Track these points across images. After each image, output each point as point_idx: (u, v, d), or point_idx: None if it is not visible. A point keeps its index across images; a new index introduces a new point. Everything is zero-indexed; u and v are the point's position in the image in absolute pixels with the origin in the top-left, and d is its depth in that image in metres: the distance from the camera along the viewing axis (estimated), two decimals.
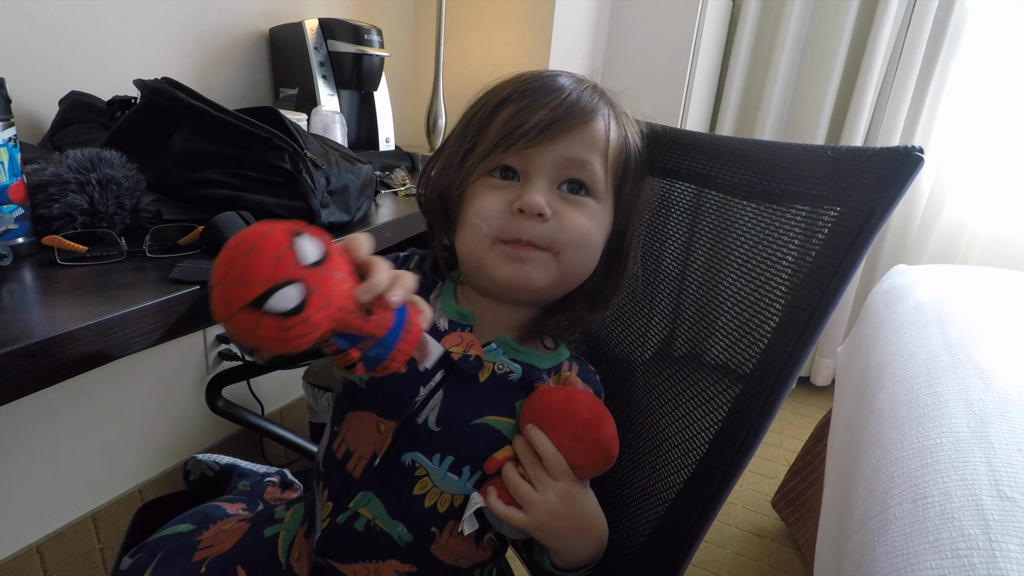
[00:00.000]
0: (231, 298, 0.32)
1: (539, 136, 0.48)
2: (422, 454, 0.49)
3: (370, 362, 0.37)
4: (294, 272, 0.33)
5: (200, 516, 0.64)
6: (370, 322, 0.36)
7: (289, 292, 0.32)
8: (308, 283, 0.33)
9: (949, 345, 0.90)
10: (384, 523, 0.49)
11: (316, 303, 0.33)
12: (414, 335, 0.38)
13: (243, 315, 0.32)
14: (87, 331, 0.45)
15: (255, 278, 0.32)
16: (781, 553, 1.43)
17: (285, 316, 0.32)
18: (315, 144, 0.77)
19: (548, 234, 0.48)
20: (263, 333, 0.32)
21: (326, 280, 0.34)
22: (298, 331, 0.33)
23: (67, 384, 1.06)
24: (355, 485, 0.50)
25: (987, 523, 0.55)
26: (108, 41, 1.00)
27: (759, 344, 0.43)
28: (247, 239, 0.33)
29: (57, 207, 0.58)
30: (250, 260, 0.32)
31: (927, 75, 1.80)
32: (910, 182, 0.34)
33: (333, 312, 0.34)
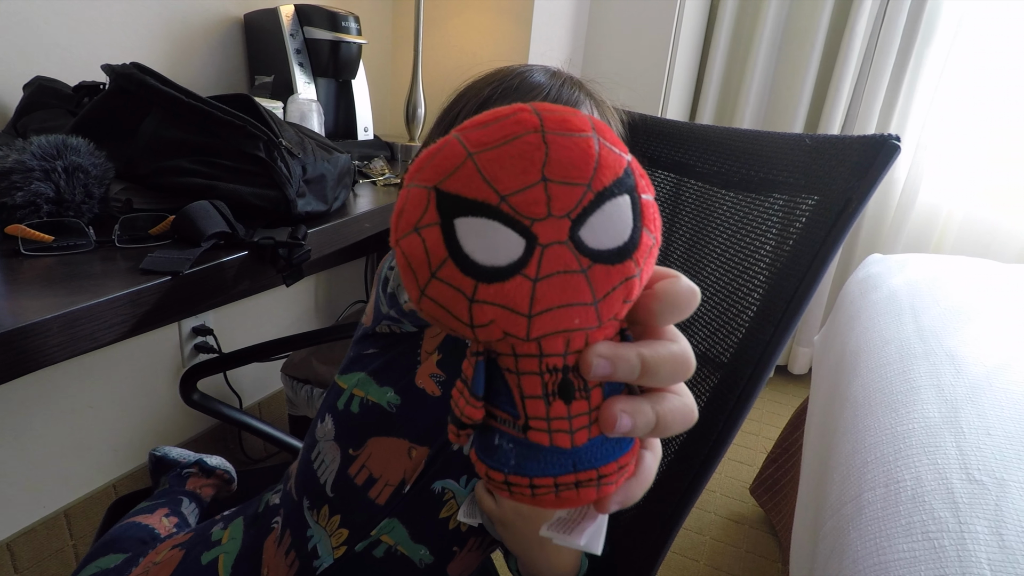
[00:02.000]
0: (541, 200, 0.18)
1: None
2: (452, 480, 0.47)
3: (505, 457, 0.22)
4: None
5: (125, 542, 0.61)
6: (554, 409, 0.21)
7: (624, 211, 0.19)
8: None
9: (921, 333, 0.92)
10: (406, 548, 0.48)
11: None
12: (604, 492, 0.23)
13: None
14: (53, 322, 0.44)
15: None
16: (759, 539, 1.46)
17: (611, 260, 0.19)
18: (291, 132, 0.76)
19: None
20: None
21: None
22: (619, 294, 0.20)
23: (37, 377, 1.03)
24: (379, 512, 0.47)
25: (957, 506, 0.57)
26: (75, 24, 0.97)
27: (737, 333, 0.44)
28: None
29: (21, 195, 0.56)
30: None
31: (903, 64, 1.83)
32: (887, 170, 0.34)
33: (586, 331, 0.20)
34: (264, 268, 0.65)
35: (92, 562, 0.59)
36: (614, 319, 0.21)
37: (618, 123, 0.55)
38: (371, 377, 0.49)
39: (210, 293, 0.59)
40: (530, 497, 0.22)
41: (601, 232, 0.19)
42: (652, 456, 0.24)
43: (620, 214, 0.19)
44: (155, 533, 0.63)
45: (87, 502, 1.17)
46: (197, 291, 0.57)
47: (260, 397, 1.55)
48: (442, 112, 0.55)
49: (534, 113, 0.19)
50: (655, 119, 0.60)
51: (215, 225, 0.60)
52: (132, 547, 0.59)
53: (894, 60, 1.83)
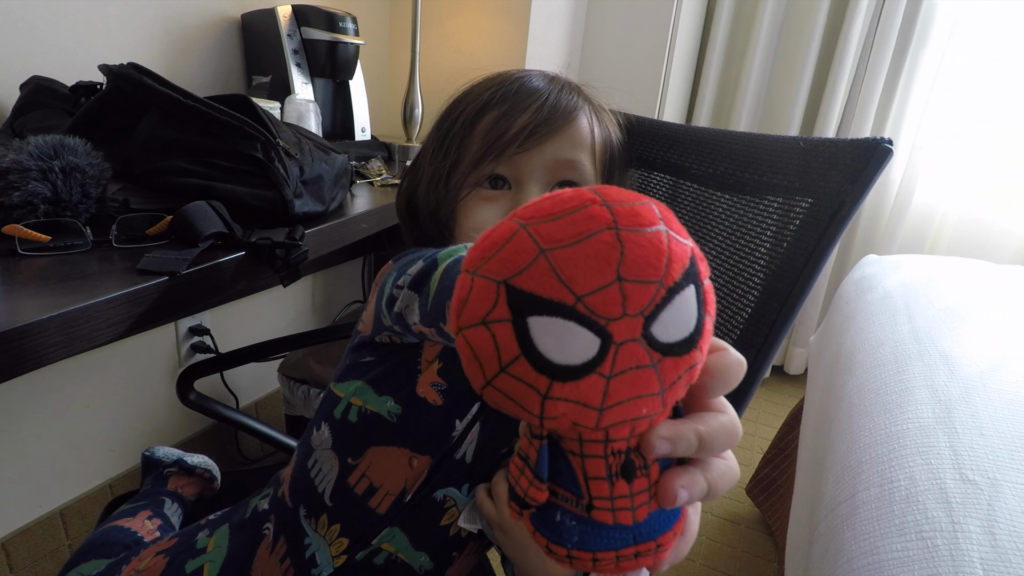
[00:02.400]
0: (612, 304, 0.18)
1: (527, 141, 0.47)
2: (455, 488, 0.46)
3: (568, 534, 0.23)
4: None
5: (108, 547, 0.60)
6: (616, 489, 0.22)
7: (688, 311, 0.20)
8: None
9: (916, 333, 0.92)
10: (407, 555, 0.47)
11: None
12: (660, 558, 0.24)
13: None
14: (50, 322, 0.44)
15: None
16: (755, 539, 1.46)
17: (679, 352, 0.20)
18: (288, 133, 0.76)
19: None
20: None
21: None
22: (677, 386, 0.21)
23: (33, 377, 1.03)
24: (380, 522, 0.47)
25: (950, 506, 0.57)
26: (72, 25, 0.96)
27: (733, 334, 0.44)
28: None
29: (18, 195, 0.56)
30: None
31: (898, 65, 1.84)
32: (879, 173, 0.35)
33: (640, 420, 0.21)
34: (261, 268, 0.65)
35: (74, 568, 0.58)
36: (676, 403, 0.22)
37: (615, 127, 0.55)
38: (369, 386, 0.49)
39: (207, 293, 0.59)
40: (591, 567, 0.23)
41: (671, 326, 0.19)
42: (695, 513, 0.25)
43: (687, 306, 0.20)
44: (138, 537, 0.62)
45: (83, 502, 1.17)
46: (194, 291, 0.57)
47: (257, 397, 1.55)
48: (440, 116, 0.55)
49: (604, 205, 0.19)
50: (651, 121, 0.61)
51: (212, 225, 0.60)
52: (115, 552, 0.59)
53: (890, 61, 1.83)
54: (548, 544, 0.23)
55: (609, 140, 0.53)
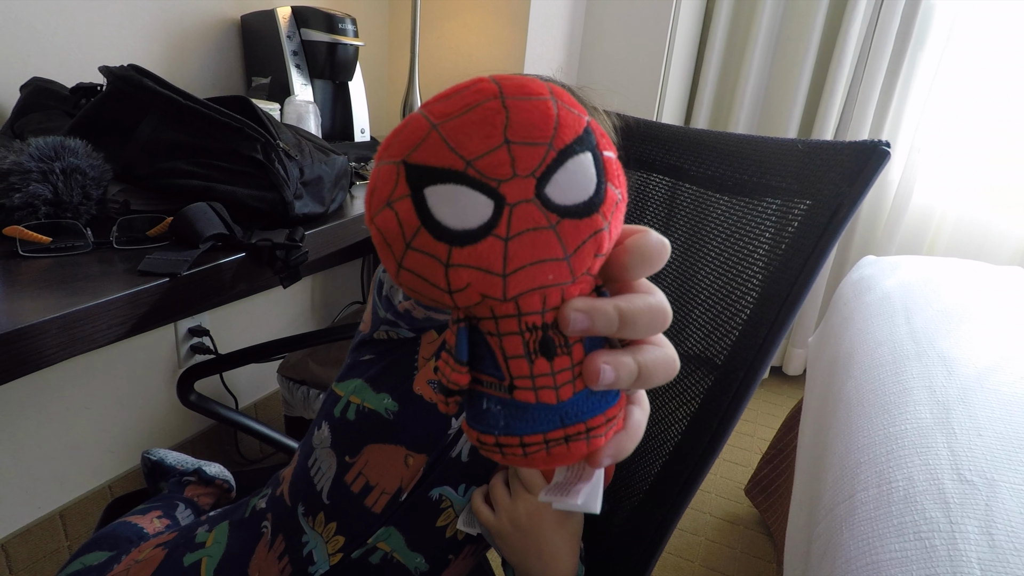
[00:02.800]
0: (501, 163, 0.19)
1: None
2: (450, 487, 0.47)
3: (494, 420, 0.23)
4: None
5: (113, 540, 0.60)
6: (536, 367, 0.22)
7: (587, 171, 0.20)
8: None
9: (914, 334, 0.93)
10: (402, 555, 0.48)
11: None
12: (594, 446, 0.23)
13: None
14: (51, 324, 0.44)
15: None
16: (754, 540, 1.46)
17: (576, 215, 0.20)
18: (288, 134, 0.76)
19: None
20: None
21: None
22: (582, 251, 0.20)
23: (33, 378, 1.03)
24: (376, 520, 0.47)
25: (948, 506, 0.57)
26: (72, 26, 0.97)
27: (732, 335, 0.44)
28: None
29: (19, 197, 0.57)
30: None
31: (896, 67, 1.84)
32: (877, 175, 0.35)
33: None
34: (261, 270, 0.65)
35: (78, 558, 0.59)
36: (587, 274, 0.21)
37: (610, 128, 0.56)
38: (367, 383, 0.49)
39: (208, 295, 0.59)
40: (522, 456, 0.22)
41: (567, 188, 0.20)
42: (640, 411, 0.24)
43: (583, 170, 0.20)
44: (143, 533, 0.63)
45: (83, 503, 1.17)
46: (195, 292, 0.57)
47: (256, 398, 1.55)
48: None
49: (493, 82, 0.19)
50: (650, 123, 0.61)
51: (213, 227, 0.60)
52: (118, 545, 0.59)
53: (887, 63, 1.84)
54: (479, 436, 0.23)
55: None
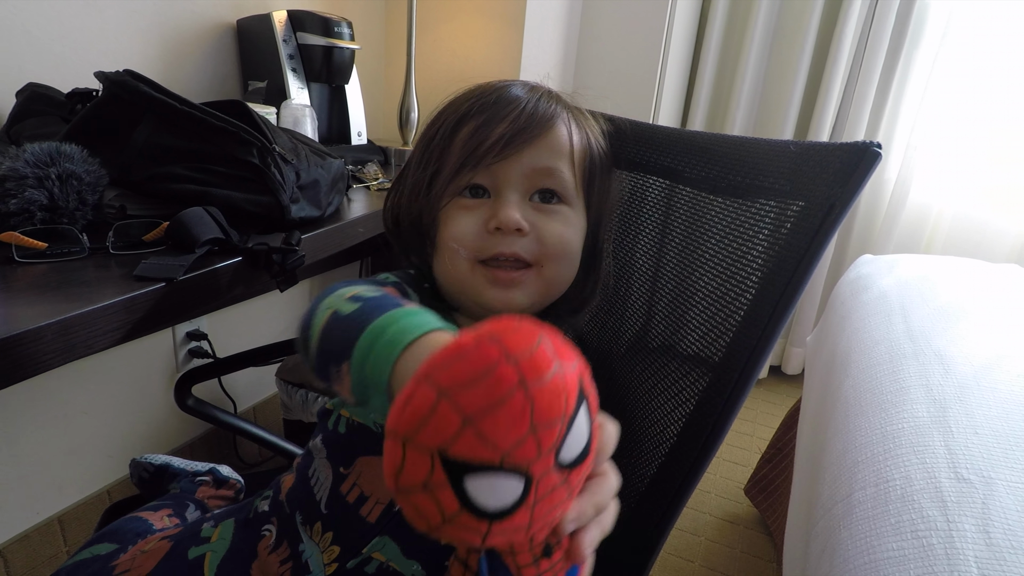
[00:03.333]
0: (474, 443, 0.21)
1: (504, 150, 0.47)
2: None
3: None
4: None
5: (120, 534, 0.61)
6: (541, 567, 0.27)
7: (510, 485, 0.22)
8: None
9: (911, 333, 0.93)
10: (398, 564, 0.48)
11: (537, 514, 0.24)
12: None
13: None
14: (47, 329, 0.44)
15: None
16: (754, 539, 1.46)
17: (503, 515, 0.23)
18: (284, 138, 0.76)
19: (529, 248, 0.48)
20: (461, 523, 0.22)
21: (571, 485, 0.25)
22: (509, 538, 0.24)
23: (30, 384, 1.03)
24: (371, 530, 0.48)
25: (945, 504, 0.58)
26: (68, 32, 0.97)
27: (727, 335, 0.44)
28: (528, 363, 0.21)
29: (14, 203, 0.57)
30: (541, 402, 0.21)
31: (892, 66, 1.85)
32: (868, 176, 0.35)
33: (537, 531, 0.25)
34: (258, 274, 0.65)
35: (88, 548, 0.59)
36: None
37: (598, 133, 0.55)
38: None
39: (204, 299, 0.59)
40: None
41: (573, 446, 0.24)
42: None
43: (582, 424, 0.24)
44: (151, 527, 0.63)
45: (81, 508, 1.17)
46: (191, 297, 0.57)
47: (255, 402, 1.55)
48: (423, 128, 0.55)
49: (509, 362, 0.21)
50: (645, 125, 0.61)
51: (209, 231, 0.60)
52: (126, 539, 0.59)
53: (883, 62, 1.85)
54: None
55: (589, 146, 0.53)
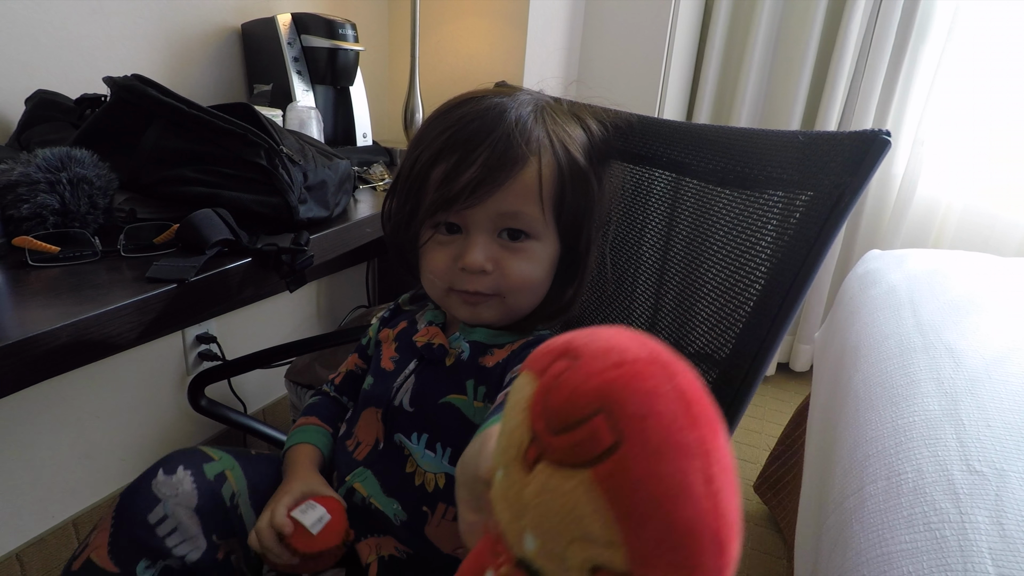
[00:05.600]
0: None
1: (470, 199, 0.50)
2: (404, 435, 0.54)
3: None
4: None
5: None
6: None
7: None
8: None
9: (921, 327, 0.92)
10: (379, 501, 0.53)
11: None
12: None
13: None
14: (63, 331, 0.44)
15: None
16: (764, 536, 1.46)
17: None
18: (291, 140, 0.76)
19: (492, 284, 0.52)
20: None
21: None
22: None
23: (44, 387, 1.04)
24: (356, 464, 0.56)
25: (958, 497, 0.57)
26: (75, 39, 0.98)
27: (735, 328, 0.44)
28: None
29: (27, 207, 0.57)
30: None
31: (898, 59, 1.83)
32: (878, 164, 0.35)
33: None
34: (268, 274, 0.66)
35: None
36: None
37: (578, 147, 0.54)
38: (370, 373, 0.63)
39: (216, 300, 0.59)
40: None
41: None
42: None
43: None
44: None
45: (95, 511, 1.18)
46: (202, 298, 0.58)
47: (264, 403, 1.56)
48: (413, 140, 0.57)
49: None
50: (651, 119, 0.61)
51: (219, 233, 0.61)
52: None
53: (890, 55, 1.83)
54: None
55: (560, 172, 0.53)
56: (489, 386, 0.53)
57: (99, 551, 0.50)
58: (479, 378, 0.53)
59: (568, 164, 0.54)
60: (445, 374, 0.55)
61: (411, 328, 0.61)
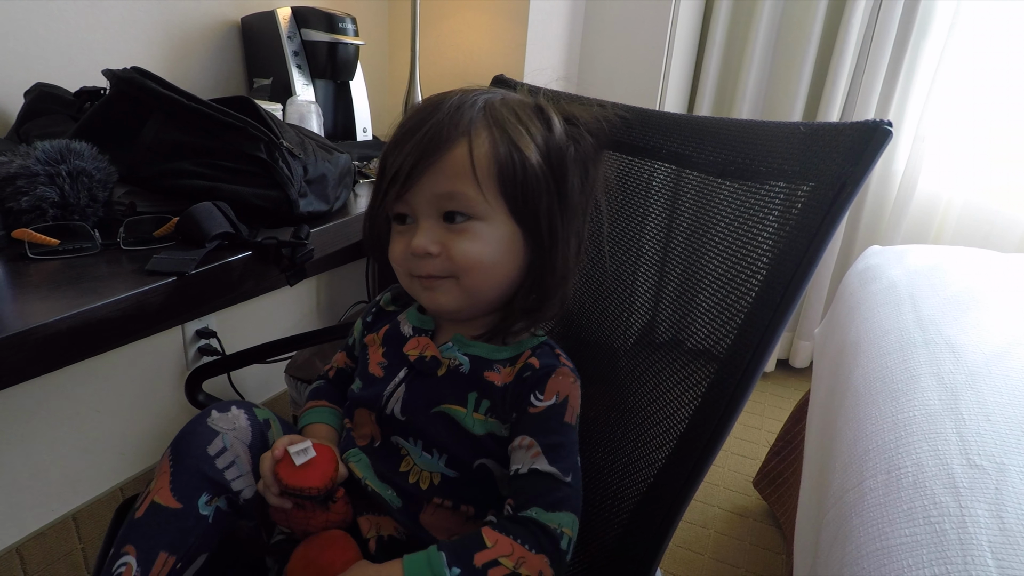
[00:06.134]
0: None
1: (405, 183, 0.51)
2: (402, 438, 0.56)
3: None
4: None
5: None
6: None
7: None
8: None
9: (921, 322, 0.92)
10: (375, 484, 0.55)
11: None
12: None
13: None
14: (63, 323, 0.44)
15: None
16: (763, 532, 1.46)
17: None
18: (291, 133, 0.76)
19: (442, 266, 0.53)
20: None
21: None
22: None
23: (43, 382, 1.04)
24: (354, 445, 0.58)
25: (957, 490, 0.57)
26: (74, 31, 0.97)
27: (736, 319, 0.44)
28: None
29: (26, 200, 0.57)
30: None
31: (899, 54, 1.83)
32: (879, 154, 0.35)
33: None
34: (268, 268, 0.65)
35: None
36: None
37: (533, 147, 0.54)
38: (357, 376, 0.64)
39: (215, 293, 0.59)
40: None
41: None
42: None
43: None
44: None
45: (95, 505, 1.18)
46: (202, 291, 0.58)
47: (264, 399, 1.56)
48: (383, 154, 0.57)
49: None
50: (652, 112, 0.61)
51: (219, 226, 0.61)
52: None
53: (891, 50, 1.83)
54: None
55: (500, 155, 0.52)
56: (494, 403, 0.54)
57: (162, 492, 0.50)
58: (483, 392, 0.54)
59: (510, 145, 0.53)
60: (438, 384, 0.56)
61: (395, 331, 0.61)
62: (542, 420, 0.52)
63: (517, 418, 0.52)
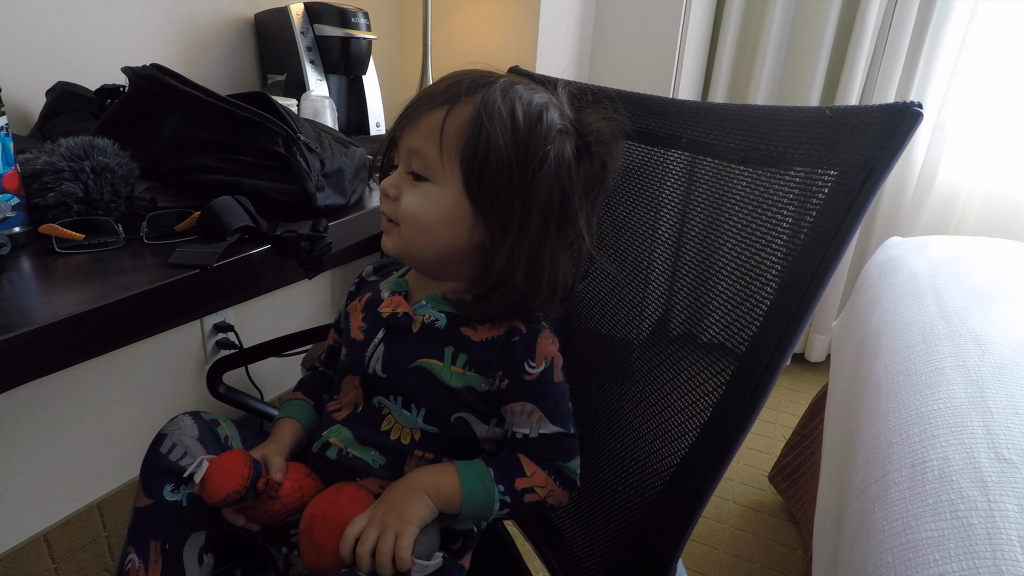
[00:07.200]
0: None
1: (393, 131, 0.58)
2: (384, 397, 0.58)
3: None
4: None
5: None
6: None
7: None
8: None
9: (945, 314, 0.91)
10: (356, 450, 0.57)
11: None
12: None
13: None
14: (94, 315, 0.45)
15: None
16: (778, 526, 1.45)
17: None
18: (308, 128, 0.76)
19: (391, 210, 0.57)
20: None
21: None
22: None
23: (67, 375, 1.06)
24: (333, 423, 0.60)
25: (985, 485, 0.56)
26: (92, 30, 0.98)
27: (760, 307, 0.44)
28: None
29: (52, 196, 0.58)
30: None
31: (919, 41, 1.79)
32: (910, 137, 0.34)
33: None
34: (286, 261, 0.66)
35: None
36: None
37: (512, 139, 0.53)
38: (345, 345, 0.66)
39: (237, 286, 0.60)
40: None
41: None
42: None
43: None
44: None
45: (119, 495, 1.20)
46: (223, 284, 0.58)
47: (280, 391, 1.57)
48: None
49: None
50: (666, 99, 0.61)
51: (239, 219, 0.61)
52: None
53: (911, 36, 1.79)
54: None
55: (472, 135, 0.52)
56: (471, 357, 0.56)
57: (138, 498, 0.57)
58: (459, 346, 0.56)
59: (485, 125, 0.53)
60: (415, 340, 0.58)
61: (376, 298, 0.63)
62: (538, 386, 0.55)
63: (512, 384, 0.55)
